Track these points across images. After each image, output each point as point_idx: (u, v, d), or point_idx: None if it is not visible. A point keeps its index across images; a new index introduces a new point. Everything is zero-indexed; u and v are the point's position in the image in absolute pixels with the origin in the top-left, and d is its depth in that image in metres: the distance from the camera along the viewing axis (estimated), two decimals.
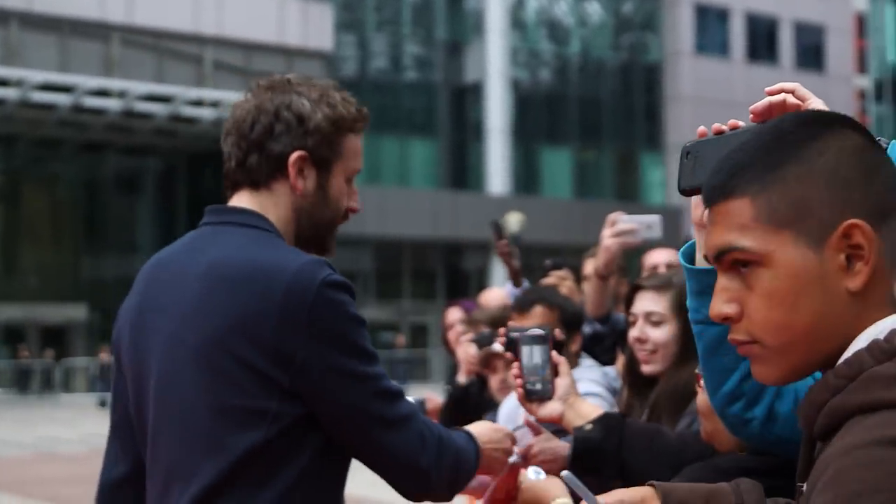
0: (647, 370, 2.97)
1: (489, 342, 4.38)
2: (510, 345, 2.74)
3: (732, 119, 1.83)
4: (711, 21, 43.64)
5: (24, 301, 35.16)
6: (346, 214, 2.31)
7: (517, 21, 40.47)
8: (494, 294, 6.03)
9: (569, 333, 3.64)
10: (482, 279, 36.82)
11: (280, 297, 2.02)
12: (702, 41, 43.41)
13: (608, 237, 4.01)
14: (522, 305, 3.80)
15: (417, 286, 39.75)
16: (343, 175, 2.27)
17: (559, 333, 2.80)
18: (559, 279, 4.62)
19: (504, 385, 4.34)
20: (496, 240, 5.32)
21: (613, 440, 2.45)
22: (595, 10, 42.32)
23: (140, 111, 33.95)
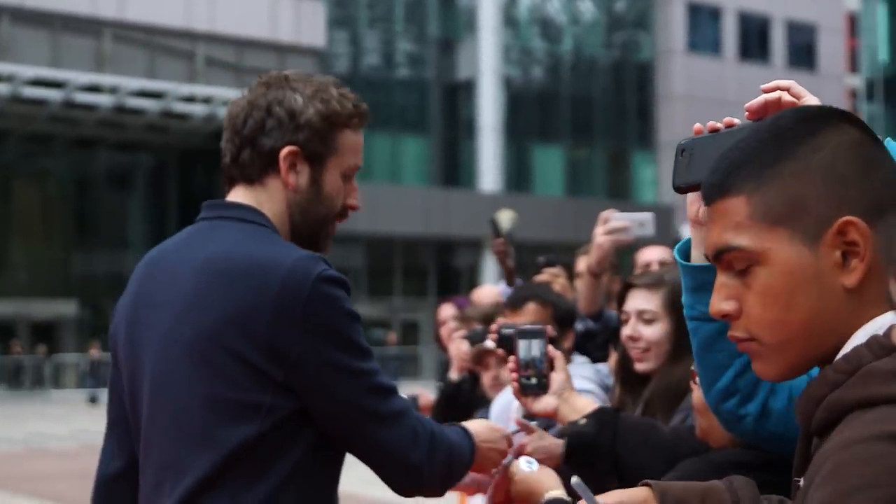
0: (640, 368, 2.97)
1: (481, 339, 4.38)
2: (502, 341, 2.73)
3: (725, 117, 1.83)
4: (704, 19, 43.67)
5: (15, 297, 35.05)
6: (345, 212, 2.31)
7: (510, 19, 40.45)
8: (487, 291, 6.02)
9: (561, 330, 3.64)
10: (473, 276, 36.82)
11: (275, 292, 2.02)
12: (694, 40, 43.44)
13: (600, 235, 4.01)
14: (515, 302, 3.80)
15: (409, 283, 39.73)
16: (338, 171, 2.26)
17: (551, 330, 2.80)
18: (552, 276, 4.61)
19: (496, 382, 4.34)
20: (493, 237, 5.31)
21: (607, 435, 2.45)
22: (587, 8, 42.32)
23: (132, 107, 33.86)
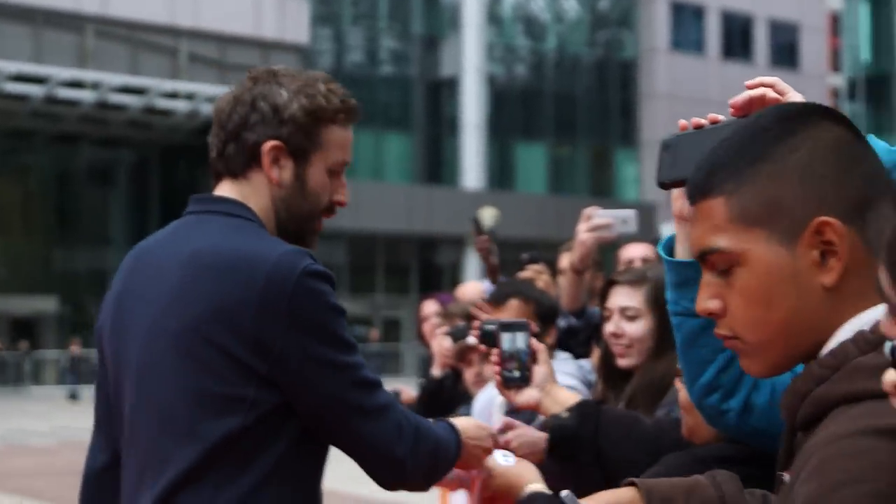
0: (623, 364, 2.98)
1: (463, 335, 4.38)
2: (485, 337, 2.73)
3: (709, 114, 1.83)
4: (687, 18, 43.76)
5: None
6: (332, 207, 2.30)
7: (493, 16, 40.46)
8: (471, 287, 6.03)
9: (544, 327, 3.64)
10: (456, 274, 36.81)
11: (260, 286, 2.02)
12: (677, 38, 43.53)
13: (583, 231, 4.01)
14: (498, 298, 3.80)
15: (391, 280, 39.71)
16: (323, 167, 2.25)
17: (534, 327, 2.80)
18: (535, 273, 4.62)
19: (479, 378, 4.34)
20: (475, 235, 5.31)
21: (590, 427, 2.44)
22: (571, 7, 42.35)
23: (114, 103, 33.74)
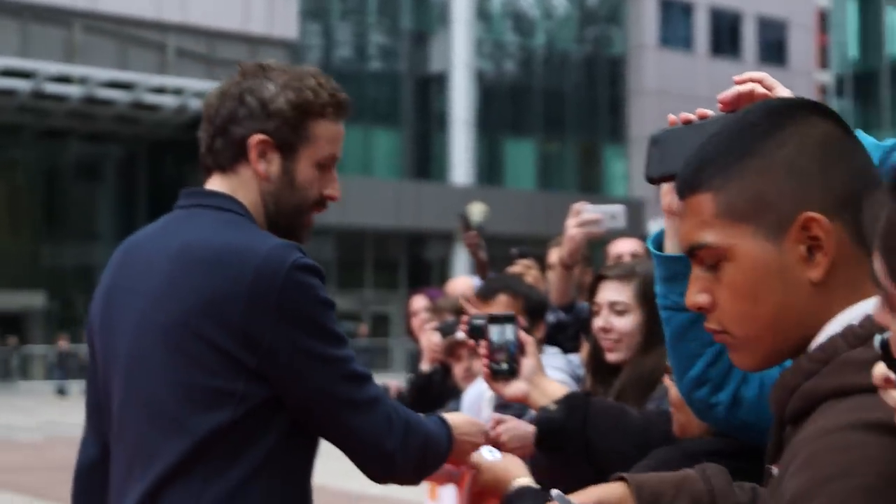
0: (612, 358, 2.98)
1: (452, 331, 4.38)
2: (473, 332, 2.73)
3: (698, 109, 1.84)
4: (675, 15, 43.80)
5: None
6: (324, 202, 2.30)
7: (482, 12, 40.44)
8: (461, 282, 6.02)
9: (532, 322, 3.65)
10: (444, 269, 36.81)
11: (249, 280, 2.02)
12: (666, 35, 43.57)
13: (572, 227, 4.01)
14: (486, 293, 3.80)
15: (380, 276, 39.69)
16: (311, 161, 2.25)
17: (523, 322, 2.80)
18: (525, 268, 4.62)
19: (468, 373, 4.34)
20: (463, 231, 5.31)
21: (578, 419, 2.44)
22: (560, 3, 42.36)
23: (102, 98, 33.65)
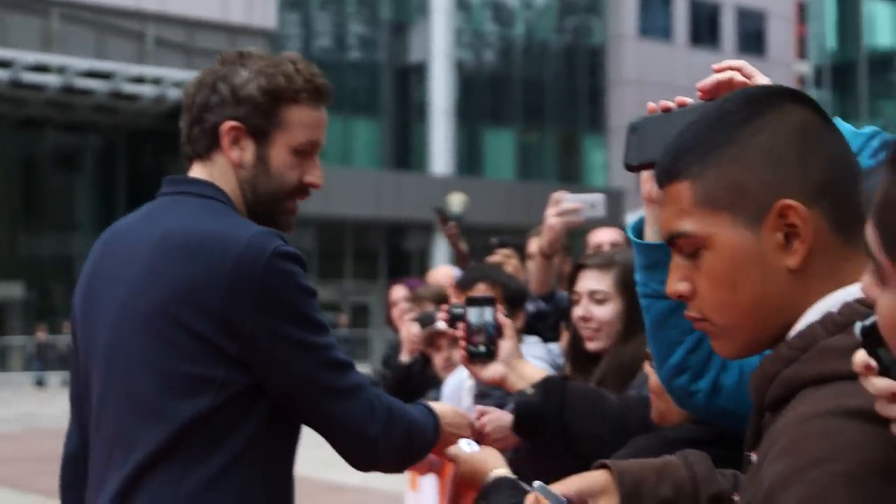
0: (592, 347, 2.99)
1: (431, 321, 4.39)
2: (453, 321, 2.73)
3: (678, 97, 1.84)
4: (655, 5, 43.85)
5: None
6: (305, 189, 2.29)
7: (462, 2, 40.39)
8: (443, 272, 6.02)
9: (512, 311, 3.64)
10: (424, 260, 36.81)
11: (230, 267, 2.02)
12: (645, 25, 43.62)
13: (552, 216, 4.02)
14: (465, 283, 3.81)
15: (359, 266, 39.64)
16: (286, 147, 2.24)
17: (502, 310, 2.79)
18: (505, 257, 4.63)
19: (448, 363, 4.35)
20: (442, 225, 5.31)
21: (555, 403, 2.42)
22: None
23: (80, 87, 33.45)
